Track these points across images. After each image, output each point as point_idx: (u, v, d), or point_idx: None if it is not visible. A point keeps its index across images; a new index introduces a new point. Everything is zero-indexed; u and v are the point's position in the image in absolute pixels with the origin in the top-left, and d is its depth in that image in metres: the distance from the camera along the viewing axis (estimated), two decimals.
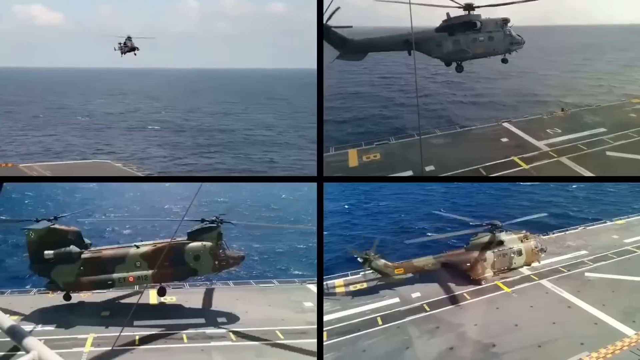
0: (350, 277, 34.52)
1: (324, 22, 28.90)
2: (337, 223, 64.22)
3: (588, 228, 44.08)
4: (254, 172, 62.63)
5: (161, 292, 28.66)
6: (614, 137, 37.55)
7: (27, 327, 25.51)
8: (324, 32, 29.28)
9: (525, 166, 33.62)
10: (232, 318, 28.42)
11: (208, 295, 31.85)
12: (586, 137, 37.82)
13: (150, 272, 27.07)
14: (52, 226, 27.42)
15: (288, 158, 69.54)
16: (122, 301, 30.73)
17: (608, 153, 34.62)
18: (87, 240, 28.80)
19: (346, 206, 77.36)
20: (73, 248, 27.08)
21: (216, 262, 27.33)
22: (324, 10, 28.02)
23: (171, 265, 27.16)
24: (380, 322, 27.84)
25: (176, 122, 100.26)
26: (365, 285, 33.11)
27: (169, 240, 28.40)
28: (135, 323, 26.61)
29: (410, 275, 32.54)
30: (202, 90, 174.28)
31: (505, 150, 36.25)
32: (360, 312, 29.31)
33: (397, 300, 30.58)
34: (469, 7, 30.98)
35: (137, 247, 28.00)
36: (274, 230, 68.77)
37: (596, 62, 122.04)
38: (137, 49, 51.82)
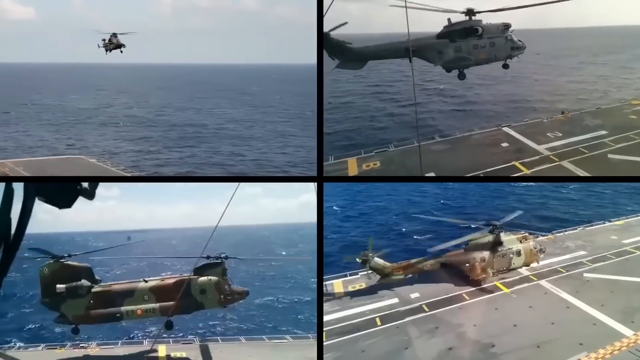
0: (348, 278, 34.57)
1: (327, 31, 28.49)
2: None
3: (587, 229, 44.18)
4: (226, 165, 61.64)
5: (168, 326, 28.67)
6: (614, 139, 37.44)
7: None
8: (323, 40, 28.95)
9: (526, 171, 33.55)
10: None
11: (219, 351, 30.34)
12: (587, 140, 37.63)
13: (157, 305, 27.56)
14: (65, 262, 27.71)
15: (256, 151, 69.62)
16: (130, 352, 29.61)
17: (610, 156, 34.57)
18: (97, 277, 28.89)
19: (335, 207, 77.31)
20: (84, 282, 27.48)
21: (222, 296, 27.86)
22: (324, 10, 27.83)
23: (178, 298, 27.53)
24: (379, 323, 27.86)
25: (148, 117, 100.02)
26: (364, 285, 33.16)
27: (176, 275, 29.20)
28: None
29: (409, 275, 32.60)
30: (178, 86, 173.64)
31: (506, 155, 35.98)
32: (359, 312, 29.32)
33: (396, 300, 30.61)
34: (470, 12, 30.54)
35: (146, 281, 28.53)
36: (269, 282, 67.83)
37: (591, 65, 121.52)
38: (124, 46, 48.39)
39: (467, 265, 32.21)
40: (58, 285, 26.87)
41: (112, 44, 48.37)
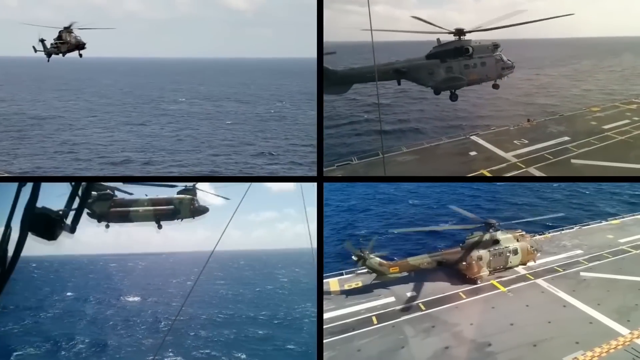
0: (344, 276, 34.53)
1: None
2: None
3: (583, 228, 44.38)
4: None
5: (159, 226, 34.65)
6: (577, 145, 38.18)
7: None
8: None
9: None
10: None
11: None
12: (552, 147, 38.15)
13: (152, 208, 34.51)
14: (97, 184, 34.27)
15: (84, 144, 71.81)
16: None
17: (573, 161, 35.07)
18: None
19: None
20: (109, 191, 34.05)
21: (191, 207, 34.38)
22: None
23: (165, 205, 34.66)
24: (375, 321, 27.84)
25: None
26: (359, 284, 33.13)
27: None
28: None
29: (405, 274, 32.58)
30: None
31: (474, 164, 35.73)
32: (355, 311, 29.31)
33: (392, 299, 30.60)
34: (459, 32, 30.07)
35: (146, 195, 34.96)
36: None
37: (545, 76, 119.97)
38: (84, 46, 37.74)
39: (464, 263, 32.23)
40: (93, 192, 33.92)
41: (67, 43, 37.15)
